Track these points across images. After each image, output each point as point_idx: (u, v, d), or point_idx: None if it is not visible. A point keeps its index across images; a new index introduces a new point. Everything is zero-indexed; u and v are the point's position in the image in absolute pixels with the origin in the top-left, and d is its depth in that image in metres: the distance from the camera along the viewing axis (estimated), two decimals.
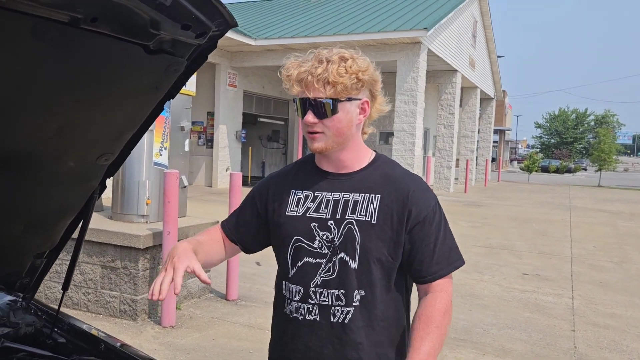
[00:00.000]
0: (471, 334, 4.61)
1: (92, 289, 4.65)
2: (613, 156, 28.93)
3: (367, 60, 1.39)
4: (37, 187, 1.41)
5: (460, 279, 6.32)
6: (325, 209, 1.45)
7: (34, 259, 1.68)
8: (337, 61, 1.33)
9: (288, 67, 1.37)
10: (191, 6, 1.06)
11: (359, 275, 1.39)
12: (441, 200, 1.56)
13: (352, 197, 1.43)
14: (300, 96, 1.36)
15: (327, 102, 1.33)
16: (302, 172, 1.55)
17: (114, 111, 1.29)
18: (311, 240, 1.44)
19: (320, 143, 1.38)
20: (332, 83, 1.32)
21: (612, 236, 10.24)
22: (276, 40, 14.55)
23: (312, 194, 1.48)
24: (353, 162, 1.47)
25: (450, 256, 1.44)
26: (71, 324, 1.76)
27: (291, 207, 1.49)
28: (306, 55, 1.39)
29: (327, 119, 1.35)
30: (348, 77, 1.33)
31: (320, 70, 1.32)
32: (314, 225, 1.44)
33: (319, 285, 1.41)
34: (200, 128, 16.18)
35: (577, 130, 67.32)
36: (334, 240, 1.41)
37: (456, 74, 17.65)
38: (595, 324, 5.05)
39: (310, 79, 1.32)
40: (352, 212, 1.42)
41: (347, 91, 1.34)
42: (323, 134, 1.37)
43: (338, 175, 1.47)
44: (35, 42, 0.98)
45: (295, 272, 1.46)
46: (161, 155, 4.96)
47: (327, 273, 1.41)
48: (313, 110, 1.35)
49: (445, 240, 1.43)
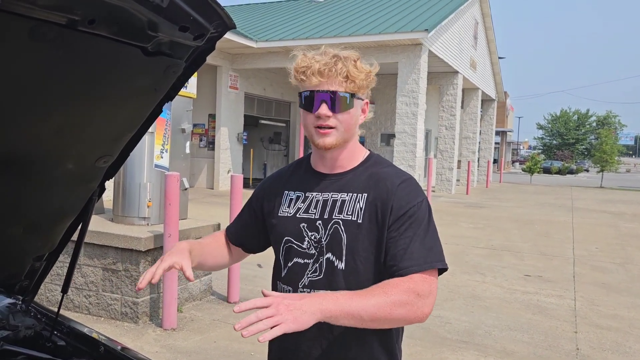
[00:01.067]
0: (473, 336, 4.60)
1: (94, 291, 4.65)
2: (615, 157, 28.87)
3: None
4: (36, 189, 1.41)
5: (462, 281, 6.31)
6: (314, 209, 1.45)
7: (33, 262, 1.68)
8: (351, 59, 1.36)
9: (306, 59, 1.37)
10: (189, 8, 1.06)
11: (347, 276, 1.38)
12: (443, 201, 1.56)
13: (340, 197, 1.43)
14: (316, 89, 1.35)
15: (345, 96, 1.35)
16: (297, 173, 1.56)
17: (113, 113, 1.29)
18: (300, 241, 1.44)
19: (332, 138, 1.38)
20: (352, 78, 1.35)
21: (614, 237, 10.22)
22: (277, 43, 14.57)
23: (304, 194, 1.49)
24: (347, 161, 1.47)
25: (429, 255, 1.33)
26: (71, 327, 1.76)
27: (283, 208, 1.50)
28: (316, 51, 1.39)
29: (342, 113, 1.36)
30: (362, 76, 1.37)
31: (340, 65, 1.34)
32: (303, 225, 1.44)
33: (307, 286, 1.42)
34: (202, 130, 16.20)
35: (579, 131, 67.25)
36: (321, 241, 1.41)
37: (457, 76, 17.65)
38: (597, 325, 5.03)
39: (333, 72, 1.33)
40: (339, 212, 1.41)
41: (359, 89, 1.38)
42: (335, 129, 1.37)
43: (330, 176, 1.48)
44: (33, 44, 0.98)
45: (286, 273, 1.47)
46: (162, 158, 4.96)
47: (315, 274, 1.42)
48: (328, 103, 1.35)
49: (425, 239, 1.34)
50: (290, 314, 1.13)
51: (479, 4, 19.91)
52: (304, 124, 1.43)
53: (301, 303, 1.16)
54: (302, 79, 1.37)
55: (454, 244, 8.62)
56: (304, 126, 1.43)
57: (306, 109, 1.38)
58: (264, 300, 1.14)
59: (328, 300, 1.19)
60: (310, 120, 1.38)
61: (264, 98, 18.02)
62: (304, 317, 1.14)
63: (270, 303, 1.13)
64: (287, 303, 1.14)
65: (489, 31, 21.88)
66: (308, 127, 1.41)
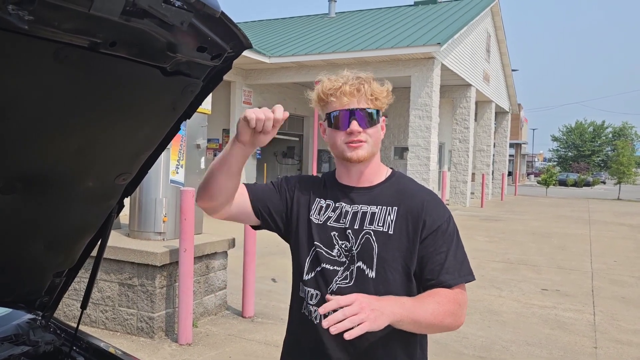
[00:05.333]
0: (490, 351, 4.54)
1: (110, 306, 4.68)
2: (632, 169, 28.49)
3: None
4: (57, 207, 1.43)
5: (478, 295, 6.24)
6: (344, 219, 1.51)
7: (53, 278, 1.70)
8: (370, 79, 1.48)
9: (333, 82, 1.47)
10: (207, 29, 1.09)
11: (377, 285, 1.44)
12: (457, 215, 1.59)
13: (370, 210, 1.50)
14: (345, 108, 1.45)
15: (372, 112, 1.46)
16: (324, 184, 1.62)
17: (132, 132, 1.32)
18: (330, 248, 1.50)
19: (363, 151, 1.47)
20: (376, 96, 1.47)
21: (633, 250, 10.05)
22: (290, 58, 14.68)
23: (333, 204, 1.55)
24: (373, 176, 1.55)
25: (462, 269, 1.46)
26: (89, 342, 1.78)
27: (313, 214, 1.56)
28: (338, 75, 1.49)
29: (371, 128, 1.47)
30: (383, 94, 1.49)
31: (366, 85, 1.46)
32: (334, 234, 1.51)
33: (335, 292, 1.45)
34: (216, 145, 16.32)
35: (595, 142, 66.56)
36: (352, 250, 1.47)
37: (470, 89, 17.61)
38: (618, 340, 4.94)
39: (361, 91, 1.45)
40: (369, 223, 1.48)
41: (382, 106, 1.50)
42: (366, 142, 1.47)
43: (357, 189, 1.54)
44: (56, 66, 1.01)
45: (313, 277, 1.51)
46: (177, 173, 5.01)
47: (345, 281, 1.47)
48: (358, 120, 1.44)
49: (457, 253, 1.47)
50: (372, 313, 1.20)
51: (491, 17, 19.92)
52: (332, 143, 1.50)
53: (380, 305, 1.24)
54: (332, 100, 1.46)
55: (470, 258, 8.48)
56: (331, 145, 1.51)
57: (337, 127, 1.47)
58: (347, 299, 1.21)
59: (399, 305, 1.28)
60: (341, 138, 1.47)
61: None
62: (382, 319, 1.22)
63: (353, 301, 1.20)
64: (368, 302, 1.22)
65: (501, 44, 21.85)
66: (337, 145, 1.48)
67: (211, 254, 5.06)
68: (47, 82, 1.05)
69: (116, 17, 0.93)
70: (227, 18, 1.09)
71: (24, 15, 0.86)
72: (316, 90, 1.51)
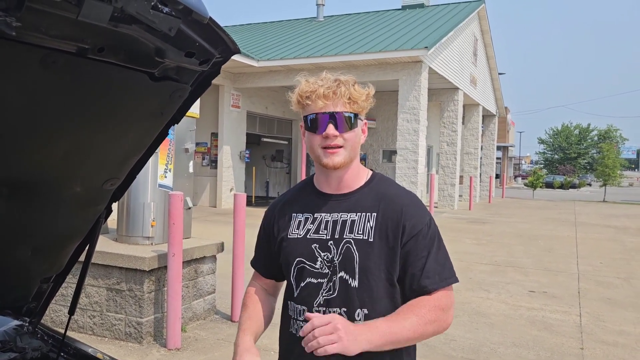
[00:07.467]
0: (478, 353, 4.57)
1: (98, 311, 4.64)
2: (617, 171, 28.82)
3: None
4: (44, 212, 1.43)
5: (466, 297, 6.28)
6: (325, 229, 1.48)
7: (40, 284, 1.69)
8: (350, 82, 1.44)
9: (310, 84, 1.44)
10: (195, 35, 1.09)
11: (360, 294, 1.42)
12: (445, 217, 1.59)
13: (350, 217, 1.47)
14: (322, 111, 1.41)
15: (350, 116, 1.42)
16: (302, 195, 1.59)
17: (120, 137, 1.32)
18: (313, 261, 1.47)
19: (340, 157, 1.43)
20: (354, 100, 1.43)
21: (618, 252, 10.17)
22: (279, 62, 14.70)
23: (312, 215, 1.52)
24: (352, 181, 1.52)
25: (443, 271, 1.43)
26: (77, 348, 1.77)
27: (293, 230, 1.53)
28: (317, 77, 1.46)
29: (348, 132, 1.43)
30: (362, 97, 1.44)
31: (343, 88, 1.42)
32: (315, 246, 1.47)
33: (322, 305, 1.44)
34: (205, 149, 16.27)
35: (581, 145, 67.31)
36: (333, 260, 1.45)
37: (458, 92, 17.74)
38: (604, 341, 5.00)
39: (337, 94, 1.41)
40: (349, 231, 1.46)
41: (361, 110, 1.46)
42: (343, 148, 1.43)
43: (336, 196, 1.52)
44: (43, 72, 1.01)
45: (299, 293, 1.49)
46: (166, 177, 4.99)
47: (329, 292, 1.44)
48: (334, 124, 1.41)
49: (438, 256, 1.44)
50: (345, 336, 1.24)
51: (478, 21, 20.10)
52: (309, 147, 1.47)
53: (354, 330, 1.27)
54: (308, 103, 1.43)
55: (457, 260, 8.58)
56: (309, 149, 1.48)
57: (313, 130, 1.43)
58: (323, 319, 1.25)
59: (373, 332, 1.30)
60: (317, 141, 1.44)
61: (265, 116, 18.13)
62: (354, 345, 1.25)
63: (329, 321, 1.25)
64: (343, 325, 1.26)
65: (488, 47, 22.05)
66: (314, 149, 1.45)
67: (200, 258, 5.05)
68: (34, 88, 1.04)
69: (104, 23, 0.93)
70: (215, 24, 1.10)
71: (11, 21, 0.86)
72: (294, 93, 1.48)
